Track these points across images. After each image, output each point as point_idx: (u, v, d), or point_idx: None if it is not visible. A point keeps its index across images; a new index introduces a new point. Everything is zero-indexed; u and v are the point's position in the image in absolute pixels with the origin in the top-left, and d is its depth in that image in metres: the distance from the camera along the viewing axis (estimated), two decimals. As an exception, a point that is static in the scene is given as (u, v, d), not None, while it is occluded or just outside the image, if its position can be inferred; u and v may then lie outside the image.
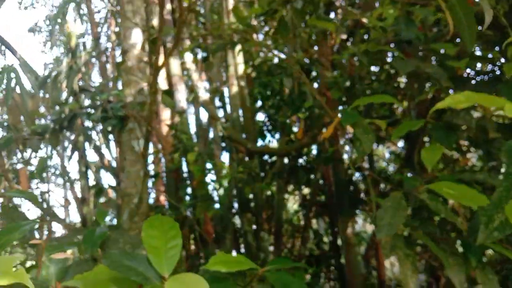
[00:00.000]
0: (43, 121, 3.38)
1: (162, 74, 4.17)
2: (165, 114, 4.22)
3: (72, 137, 4.46)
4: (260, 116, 6.82)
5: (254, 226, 4.53)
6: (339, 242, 6.13)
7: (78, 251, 1.22)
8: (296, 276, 1.07)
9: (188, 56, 4.87)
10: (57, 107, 3.12)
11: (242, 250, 4.57)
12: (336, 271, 6.29)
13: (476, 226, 1.29)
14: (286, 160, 5.63)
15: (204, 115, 6.72)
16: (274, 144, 6.27)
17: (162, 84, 3.99)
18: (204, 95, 4.58)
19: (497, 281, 1.36)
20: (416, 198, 1.25)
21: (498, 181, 1.13)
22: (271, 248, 4.89)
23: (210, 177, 3.47)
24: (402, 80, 3.85)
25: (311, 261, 6.37)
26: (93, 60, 5.77)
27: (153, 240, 0.98)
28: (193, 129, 5.71)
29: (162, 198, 4.56)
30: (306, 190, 6.75)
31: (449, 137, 1.39)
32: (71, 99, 3.77)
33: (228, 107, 5.94)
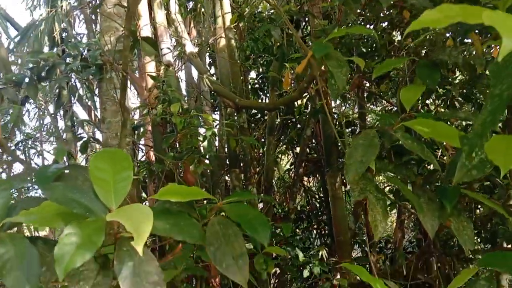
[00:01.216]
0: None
1: (147, 24, 4.01)
2: (150, 66, 4.10)
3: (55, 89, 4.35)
4: (252, 74, 6.70)
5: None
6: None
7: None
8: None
9: (174, 6, 4.68)
10: (34, 57, 2.99)
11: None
12: (327, 227, 6.38)
13: (454, 168, 1.23)
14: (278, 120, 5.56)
15: (195, 72, 6.59)
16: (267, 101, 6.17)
17: (146, 33, 3.83)
18: (191, 49, 4.44)
19: (472, 229, 1.32)
20: (390, 136, 1.18)
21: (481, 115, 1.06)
22: (261, 206, 4.91)
23: (196, 131, 3.40)
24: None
25: (302, 217, 6.45)
26: (77, 12, 5.55)
27: (101, 172, 0.92)
28: (183, 86, 5.59)
29: (151, 153, 4.51)
30: (298, 149, 6.74)
31: (433, 75, 1.30)
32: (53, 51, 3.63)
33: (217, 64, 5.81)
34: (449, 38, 1.66)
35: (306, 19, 4.61)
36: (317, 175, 6.99)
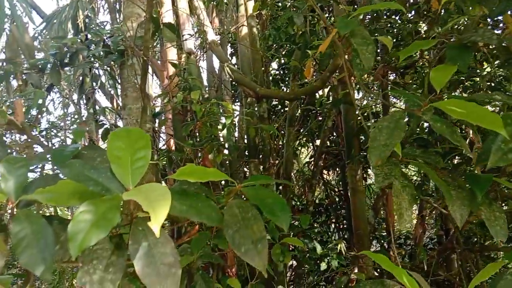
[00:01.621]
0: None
1: (169, 10, 3.99)
2: (172, 54, 4.09)
3: (78, 77, 4.39)
4: (273, 65, 6.63)
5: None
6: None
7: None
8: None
9: (197, -6, 4.65)
10: (57, 43, 3.00)
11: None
12: (346, 222, 6.30)
13: (487, 152, 1.14)
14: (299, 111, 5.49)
15: (217, 61, 6.57)
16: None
17: (168, 20, 3.81)
18: (213, 37, 4.40)
19: (505, 219, 1.25)
20: (418, 118, 1.11)
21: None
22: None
23: (216, 119, 3.37)
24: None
25: (320, 210, 6.39)
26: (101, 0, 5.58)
27: (118, 151, 0.90)
28: (204, 74, 5.58)
29: (172, 141, 4.52)
30: (318, 142, 6.66)
31: (464, 56, 1.22)
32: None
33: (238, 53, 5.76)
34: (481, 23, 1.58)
35: (331, 9, 4.51)
36: (337, 168, 6.91)
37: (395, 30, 3.45)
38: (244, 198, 0.96)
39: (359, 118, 4.26)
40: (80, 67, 3.04)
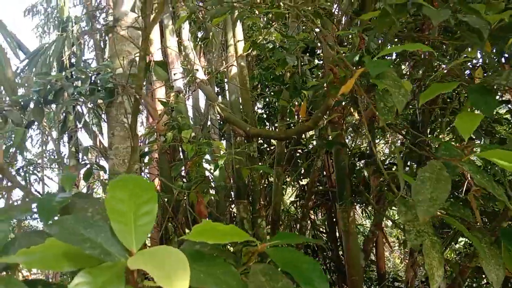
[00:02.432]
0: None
1: (158, 49, 3.94)
2: (160, 93, 3.99)
3: (61, 115, 4.24)
4: (257, 104, 6.63)
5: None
6: (337, 233, 5.96)
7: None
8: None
9: (186, 34, 4.63)
10: (41, 79, 2.88)
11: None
12: (333, 264, 6.12)
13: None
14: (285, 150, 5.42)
15: (202, 99, 6.52)
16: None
17: (158, 57, 3.75)
18: (202, 76, 4.35)
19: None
20: (455, 170, 1.01)
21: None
22: (268, 238, 4.69)
23: (206, 158, 3.25)
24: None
25: (308, 252, 6.21)
26: (86, 37, 5.52)
27: (120, 204, 0.76)
28: (190, 113, 5.49)
29: (156, 182, 4.34)
30: (304, 181, 6.57)
31: (488, 100, 1.15)
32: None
33: (228, 93, 5.73)
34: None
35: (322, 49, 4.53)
36: (322, 209, 6.79)
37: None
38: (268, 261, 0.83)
39: (351, 158, 4.19)
40: (65, 105, 2.91)
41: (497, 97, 2.78)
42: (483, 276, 3.88)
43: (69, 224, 0.74)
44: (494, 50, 1.49)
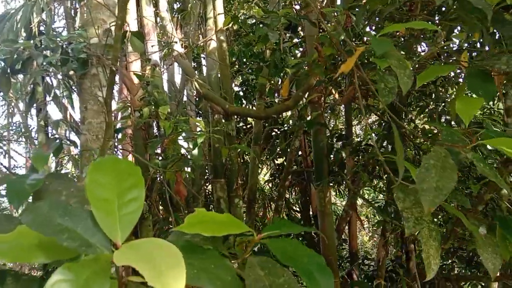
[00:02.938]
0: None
1: (134, 19, 3.74)
2: (135, 66, 3.82)
3: (29, 86, 4.02)
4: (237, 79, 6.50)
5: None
6: (311, 212, 6.02)
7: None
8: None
9: (163, 4, 4.44)
10: (8, 46, 2.68)
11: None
12: (306, 242, 6.21)
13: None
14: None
15: (178, 74, 6.33)
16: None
17: (134, 28, 3.57)
18: (179, 50, 4.19)
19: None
20: (458, 157, 0.97)
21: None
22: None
23: (183, 136, 3.14)
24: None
25: (282, 231, 6.28)
26: (57, 5, 5.21)
27: (102, 189, 0.68)
28: (166, 88, 5.32)
29: (130, 158, 4.21)
30: (279, 160, 6.55)
31: (486, 85, 1.11)
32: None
33: (204, 68, 5.57)
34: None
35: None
36: (296, 188, 6.83)
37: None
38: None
39: (329, 140, 4.18)
40: (34, 76, 2.73)
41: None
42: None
43: (43, 211, 0.65)
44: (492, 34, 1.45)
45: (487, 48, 1.74)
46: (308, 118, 4.25)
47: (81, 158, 2.56)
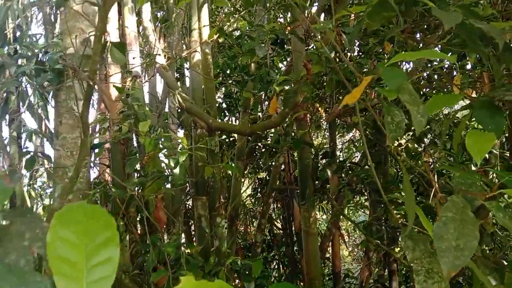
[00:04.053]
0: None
1: (116, 29, 3.59)
2: (115, 78, 3.66)
3: (2, 94, 3.81)
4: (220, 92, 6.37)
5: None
6: (293, 230, 5.91)
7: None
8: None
9: (146, 14, 4.31)
10: (-22, 54, 2.50)
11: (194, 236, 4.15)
12: (287, 259, 6.09)
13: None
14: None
15: (159, 85, 6.17)
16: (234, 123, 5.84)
17: (115, 38, 3.42)
18: (162, 61, 4.05)
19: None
20: (472, 202, 0.86)
21: None
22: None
23: (164, 152, 2.99)
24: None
25: (263, 247, 6.16)
26: (35, 9, 5.02)
27: (67, 248, 0.54)
28: (147, 99, 5.15)
29: (106, 174, 4.02)
30: (261, 174, 6.43)
31: (496, 118, 1.01)
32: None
33: (187, 80, 5.42)
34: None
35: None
36: (278, 204, 6.72)
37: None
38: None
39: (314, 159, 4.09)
40: (6, 86, 2.55)
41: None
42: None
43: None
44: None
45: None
46: (294, 135, 4.15)
47: (54, 176, 2.38)
